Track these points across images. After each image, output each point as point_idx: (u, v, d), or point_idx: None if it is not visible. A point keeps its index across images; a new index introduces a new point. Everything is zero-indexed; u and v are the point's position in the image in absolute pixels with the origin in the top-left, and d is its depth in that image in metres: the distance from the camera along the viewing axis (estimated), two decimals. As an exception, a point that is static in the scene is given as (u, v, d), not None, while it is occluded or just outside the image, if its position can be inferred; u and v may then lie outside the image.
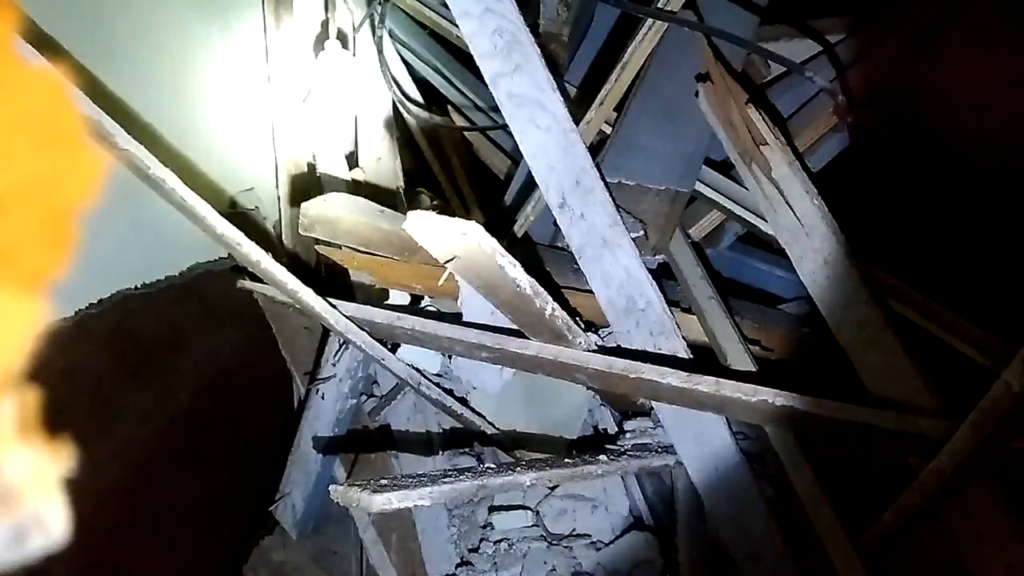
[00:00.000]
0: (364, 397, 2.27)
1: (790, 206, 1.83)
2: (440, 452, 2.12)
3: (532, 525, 1.99)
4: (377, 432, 2.26)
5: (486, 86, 1.86)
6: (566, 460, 1.72)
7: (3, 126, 0.26)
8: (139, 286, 1.84)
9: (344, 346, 2.13)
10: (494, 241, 1.65)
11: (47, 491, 0.27)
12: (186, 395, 1.96)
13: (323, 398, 2.18)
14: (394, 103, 2.54)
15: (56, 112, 0.27)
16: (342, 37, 2.46)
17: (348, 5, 2.47)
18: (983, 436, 1.36)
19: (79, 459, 0.29)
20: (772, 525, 1.70)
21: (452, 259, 1.76)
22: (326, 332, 2.22)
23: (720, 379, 1.61)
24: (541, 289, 1.71)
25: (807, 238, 1.80)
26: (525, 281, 1.68)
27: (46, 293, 0.25)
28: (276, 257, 1.88)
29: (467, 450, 2.11)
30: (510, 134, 1.89)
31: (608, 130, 2.13)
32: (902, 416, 1.52)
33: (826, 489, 1.64)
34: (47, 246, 0.26)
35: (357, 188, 2.31)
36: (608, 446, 1.88)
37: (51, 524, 0.27)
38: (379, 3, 2.40)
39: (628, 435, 1.87)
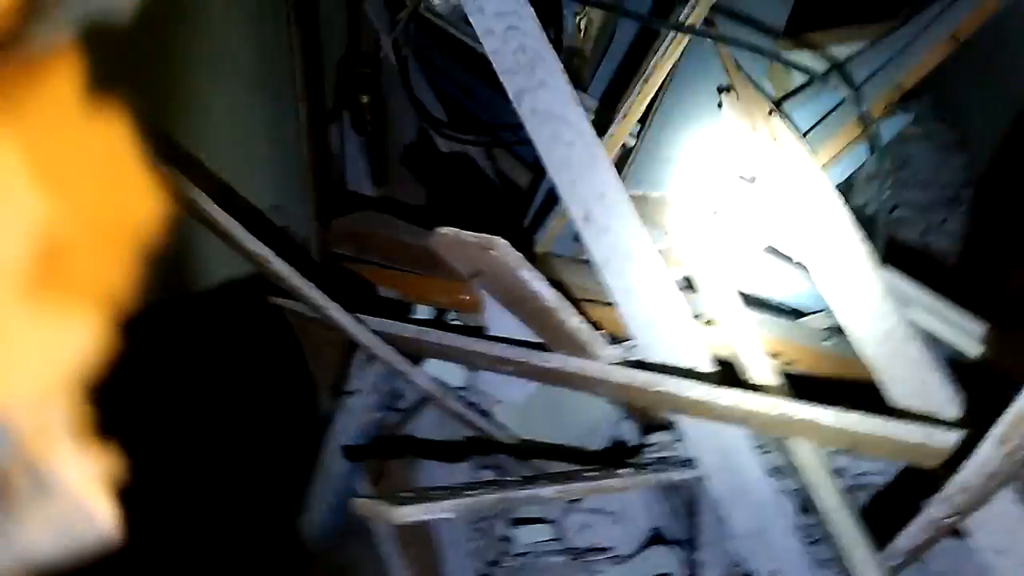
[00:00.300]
0: (388, 411, 2.30)
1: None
2: (463, 465, 2.13)
3: (553, 539, 2.00)
4: (401, 445, 2.28)
5: (510, 102, 1.89)
6: (588, 473, 1.73)
7: (69, 169, 0.29)
8: (165, 299, 1.88)
9: (370, 360, 2.16)
10: (519, 255, 1.67)
11: (96, 490, 0.30)
12: (212, 409, 2.00)
13: (348, 412, 2.21)
14: (420, 120, 2.58)
15: (121, 155, 0.29)
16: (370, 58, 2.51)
17: (373, 25, 2.52)
18: (1008, 448, 1.35)
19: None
20: (794, 540, 1.69)
21: (477, 274, 1.79)
22: (352, 347, 2.26)
23: (742, 392, 1.62)
24: (565, 302, 1.73)
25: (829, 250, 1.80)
26: (549, 294, 1.70)
27: (105, 314, 0.28)
28: (304, 273, 1.91)
29: (490, 464, 2.12)
30: (533, 149, 1.91)
31: (631, 142, 2.15)
32: (926, 429, 1.52)
33: (848, 503, 1.63)
34: (111, 275, 0.28)
35: (384, 205, 2.35)
36: (630, 459, 1.88)
37: (99, 521, 0.29)
38: (403, 23, 2.44)
39: (650, 448, 1.88)
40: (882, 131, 2.13)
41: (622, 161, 2.13)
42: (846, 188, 2.60)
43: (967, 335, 1.84)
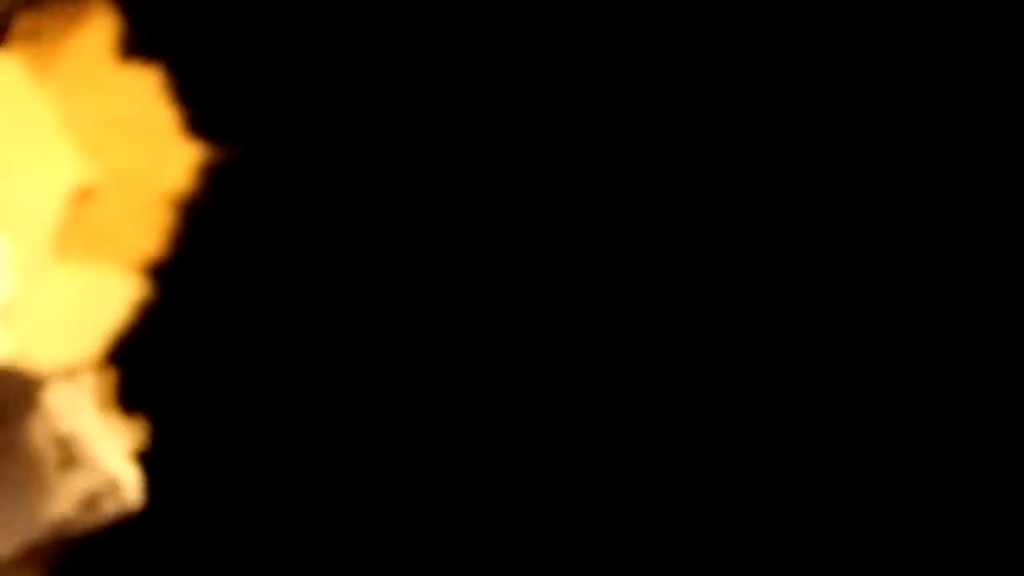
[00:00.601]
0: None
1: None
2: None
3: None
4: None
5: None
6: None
7: (101, 122, 0.29)
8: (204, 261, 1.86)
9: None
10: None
11: (122, 460, 0.29)
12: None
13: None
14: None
15: (149, 109, 0.29)
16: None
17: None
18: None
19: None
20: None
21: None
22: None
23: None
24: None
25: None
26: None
27: (140, 274, 0.28)
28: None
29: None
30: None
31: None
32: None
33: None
34: (141, 229, 0.28)
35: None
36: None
37: (125, 491, 0.29)
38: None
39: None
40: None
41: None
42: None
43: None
